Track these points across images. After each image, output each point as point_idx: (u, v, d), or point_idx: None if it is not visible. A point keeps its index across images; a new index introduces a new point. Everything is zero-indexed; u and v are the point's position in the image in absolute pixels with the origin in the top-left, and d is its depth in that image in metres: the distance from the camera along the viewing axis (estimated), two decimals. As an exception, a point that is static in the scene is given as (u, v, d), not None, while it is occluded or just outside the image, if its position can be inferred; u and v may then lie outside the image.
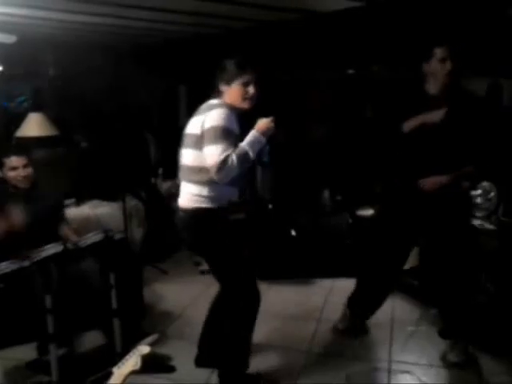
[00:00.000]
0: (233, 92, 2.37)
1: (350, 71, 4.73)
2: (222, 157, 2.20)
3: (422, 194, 2.68)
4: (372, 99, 3.04)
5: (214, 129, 2.25)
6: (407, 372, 2.77)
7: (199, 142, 2.29)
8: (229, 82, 2.37)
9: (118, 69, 5.42)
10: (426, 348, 2.99)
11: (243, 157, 2.25)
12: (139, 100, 5.63)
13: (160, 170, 5.12)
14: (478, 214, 3.36)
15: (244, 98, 2.37)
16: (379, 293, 3.12)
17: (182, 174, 2.46)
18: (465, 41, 2.82)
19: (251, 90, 2.36)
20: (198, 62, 5.52)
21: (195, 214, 2.38)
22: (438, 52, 2.60)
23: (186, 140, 2.40)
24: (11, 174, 2.90)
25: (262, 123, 2.36)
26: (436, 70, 2.61)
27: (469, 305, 2.90)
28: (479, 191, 3.42)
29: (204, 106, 2.40)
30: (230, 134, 2.26)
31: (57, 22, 4.03)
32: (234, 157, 2.21)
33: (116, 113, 5.32)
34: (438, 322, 3.05)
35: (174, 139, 2.59)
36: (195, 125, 2.34)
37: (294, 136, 4.52)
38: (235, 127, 2.31)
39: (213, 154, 2.22)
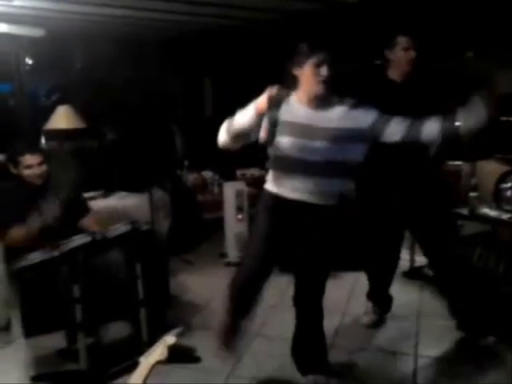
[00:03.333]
0: (305, 74, 2.24)
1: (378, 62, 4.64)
2: None
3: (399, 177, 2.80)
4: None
5: None
6: (433, 366, 2.74)
7: None
8: (301, 64, 2.25)
9: (144, 61, 5.46)
10: (452, 342, 2.95)
11: (227, 123, 2.29)
12: (165, 92, 5.66)
13: (186, 162, 5.15)
14: (508, 207, 3.28)
15: (317, 81, 2.21)
16: (383, 279, 3.18)
17: None
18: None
19: (323, 70, 2.19)
20: (222, 54, 5.52)
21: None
22: (402, 41, 2.71)
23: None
24: (26, 172, 2.89)
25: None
26: (399, 57, 2.72)
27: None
28: (509, 184, 3.34)
29: None
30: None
31: (84, 15, 4.08)
32: None
33: (142, 105, 5.37)
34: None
35: (199, 131, 2.59)
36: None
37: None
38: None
39: None
